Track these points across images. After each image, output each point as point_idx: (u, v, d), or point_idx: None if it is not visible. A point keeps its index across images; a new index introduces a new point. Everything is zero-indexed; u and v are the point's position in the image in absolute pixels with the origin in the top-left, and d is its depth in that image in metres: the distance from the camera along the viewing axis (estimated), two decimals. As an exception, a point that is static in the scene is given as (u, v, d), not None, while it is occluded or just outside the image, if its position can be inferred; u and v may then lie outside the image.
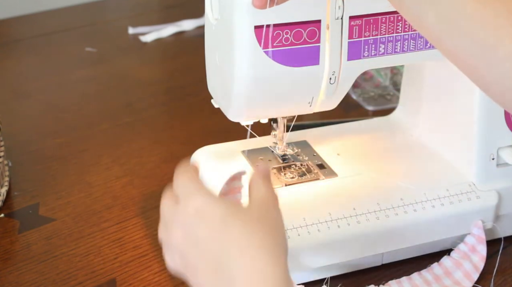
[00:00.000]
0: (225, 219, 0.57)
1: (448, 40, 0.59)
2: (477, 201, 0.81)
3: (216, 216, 0.57)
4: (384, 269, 0.80)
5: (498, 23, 0.56)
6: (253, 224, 0.57)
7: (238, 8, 0.70)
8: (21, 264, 0.82)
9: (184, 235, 0.58)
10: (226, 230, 0.56)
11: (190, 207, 0.58)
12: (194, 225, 0.57)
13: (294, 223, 0.76)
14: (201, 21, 1.45)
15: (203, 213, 0.57)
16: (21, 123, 1.11)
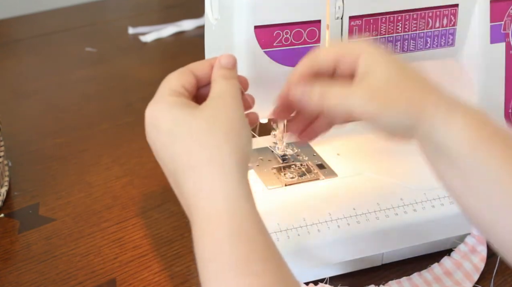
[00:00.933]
0: (172, 130, 0.56)
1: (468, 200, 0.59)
2: (477, 201, 0.81)
3: (165, 126, 0.57)
4: (384, 269, 0.80)
5: None
6: (202, 134, 0.56)
7: (238, 8, 0.70)
8: (21, 264, 0.82)
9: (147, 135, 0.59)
10: (172, 144, 0.56)
11: (148, 112, 0.59)
12: (152, 130, 0.58)
13: (294, 223, 0.76)
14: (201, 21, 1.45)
15: (157, 122, 0.58)
16: (21, 123, 1.11)
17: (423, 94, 0.59)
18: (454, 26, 0.78)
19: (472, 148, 0.57)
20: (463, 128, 0.58)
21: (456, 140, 0.58)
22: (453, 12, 0.78)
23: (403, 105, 0.58)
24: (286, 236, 0.75)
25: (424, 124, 0.58)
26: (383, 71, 0.60)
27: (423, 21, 0.77)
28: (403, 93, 0.59)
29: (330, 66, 0.63)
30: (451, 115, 0.58)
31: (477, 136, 0.57)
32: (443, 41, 0.78)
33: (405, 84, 0.60)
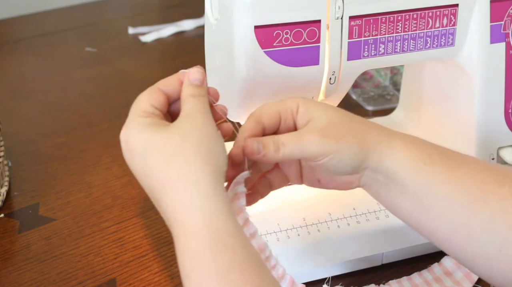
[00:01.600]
0: (145, 152, 0.58)
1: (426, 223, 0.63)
2: (477, 201, 0.81)
3: (138, 149, 0.58)
4: (384, 269, 0.80)
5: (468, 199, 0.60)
6: (173, 154, 0.57)
7: (238, 8, 0.70)
8: (21, 264, 0.82)
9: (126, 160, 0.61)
10: (146, 164, 0.58)
11: (121, 136, 0.60)
12: (126, 154, 0.60)
13: (294, 223, 0.76)
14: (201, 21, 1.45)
15: (130, 146, 0.59)
16: (21, 123, 1.11)
17: (366, 128, 0.64)
18: (454, 26, 0.78)
19: (416, 169, 0.61)
20: (405, 152, 0.62)
21: (401, 164, 0.62)
22: (453, 12, 0.78)
23: (353, 139, 0.62)
24: (286, 236, 0.75)
25: (374, 155, 0.62)
26: (324, 115, 0.63)
27: (423, 21, 0.77)
28: (350, 130, 0.63)
29: (274, 123, 0.65)
30: (393, 143, 0.63)
31: (418, 157, 0.62)
32: (443, 41, 0.78)
33: (348, 122, 0.63)
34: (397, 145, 0.63)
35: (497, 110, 0.82)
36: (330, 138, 0.62)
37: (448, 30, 0.78)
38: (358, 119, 0.65)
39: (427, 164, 0.62)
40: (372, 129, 0.64)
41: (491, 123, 0.82)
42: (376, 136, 0.63)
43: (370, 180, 0.64)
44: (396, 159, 0.62)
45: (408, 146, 0.63)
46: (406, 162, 0.62)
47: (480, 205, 0.60)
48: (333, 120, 0.63)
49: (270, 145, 0.62)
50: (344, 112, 0.65)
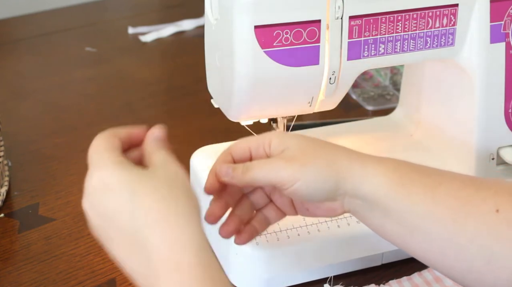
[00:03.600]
0: (134, 187, 0.55)
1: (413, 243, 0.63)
2: (477, 201, 0.81)
3: (124, 186, 0.56)
4: (384, 269, 0.80)
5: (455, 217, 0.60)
6: (164, 190, 0.56)
7: (238, 8, 0.70)
8: (21, 264, 0.82)
9: (93, 208, 0.57)
10: (137, 199, 0.55)
11: (94, 179, 0.58)
12: (102, 197, 0.56)
13: (294, 223, 0.76)
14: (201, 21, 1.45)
15: (110, 185, 0.56)
16: (21, 123, 1.11)
17: (336, 153, 0.64)
18: (454, 26, 0.78)
19: (395, 191, 0.61)
20: (381, 176, 0.62)
21: (380, 188, 0.62)
22: (453, 12, 0.78)
23: (321, 163, 0.62)
24: (286, 236, 0.75)
25: (347, 181, 0.62)
26: (296, 143, 0.64)
27: (423, 21, 0.77)
28: (318, 155, 0.63)
29: (244, 156, 0.66)
30: (367, 168, 0.63)
31: (396, 179, 0.62)
32: (443, 41, 0.78)
33: (319, 149, 0.64)
34: (372, 169, 0.63)
35: (497, 110, 0.82)
36: (296, 164, 0.62)
37: (448, 30, 0.78)
38: (329, 146, 0.65)
39: (405, 185, 0.62)
40: (343, 155, 0.64)
41: (491, 123, 0.82)
42: (347, 161, 0.63)
43: (353, 205, 0.64)
44: (373, 183, 0.62)
45: (384, 169, 0.63)
46: (384, 185, 0.62)
47: (463, 221, 0.60)
48: (302, 148, 0.64)
49: (239, 168, 0.64)
50: (316, 140, 0.66)
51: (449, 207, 0.61)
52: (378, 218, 0.63)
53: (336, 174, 0.62)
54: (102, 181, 0.57)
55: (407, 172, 0.63)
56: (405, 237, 0.63)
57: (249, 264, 0.75)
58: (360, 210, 0.64)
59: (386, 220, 0.63)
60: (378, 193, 0.62)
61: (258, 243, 0.74)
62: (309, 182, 0.62)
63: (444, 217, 0.61)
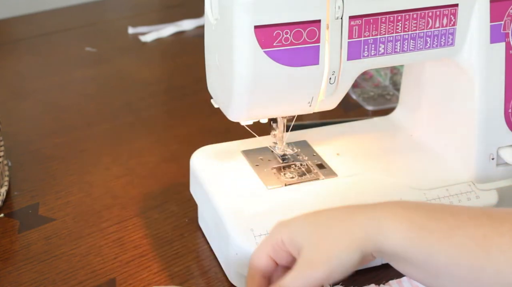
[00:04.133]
0: None
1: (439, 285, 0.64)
2: (476, 201, 0.81)
3: None
4: (384, 269, 0.80)
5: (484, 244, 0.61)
6: None
7: (238, 8, 0.70)
8: (21, 264, 0.82)
9: None
10: None
11: None
12: None
13: (294, 223, 0.76)
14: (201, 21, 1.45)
15: None
16: (21, 123, 1.11)
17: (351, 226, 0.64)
18: (454, 26, 0.78)
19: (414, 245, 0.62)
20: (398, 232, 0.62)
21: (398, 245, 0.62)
22: (453, 12, 0.78)
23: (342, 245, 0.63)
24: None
25: (369, 243, 0.63)
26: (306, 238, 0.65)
27: (423, 21, 0.77)
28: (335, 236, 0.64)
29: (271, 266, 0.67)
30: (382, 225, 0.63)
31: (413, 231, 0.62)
32: (443, 41, 0.78)
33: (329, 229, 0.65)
34: (388, 226, 0.63)
35: (497, 110, 0.82)
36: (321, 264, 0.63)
37: (448, 30, 0.78)
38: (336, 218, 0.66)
39: (423, 236, 0.62)
40: (357, 219, 0.64)
41: (491, 123, 0.82)
42: (363, 226, 0.64)
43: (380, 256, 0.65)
44: (393, 241, 0.62)
45: (400, 224, 0.63)
46: (404, 241, 0.62)
47: (484, 262, 0.60)
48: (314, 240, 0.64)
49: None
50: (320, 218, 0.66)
51: (468, 252, 0.61)
52: (404, 268, 0.65)
53: (358, 243, 0.63)
54: None
55: (424, 219, 0.63)
56: (432, 281, 0.64)
57: (249, 264, 0.75)
58: (387, 259, 0.65)
59: (411, 268, 0.64)
60: (399, 248, 0.63)
61: (258, 243, 0.74)
62: (342, 268, 0.64)
63: (466, 262, 0.61)
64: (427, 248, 0.62)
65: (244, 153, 0.87)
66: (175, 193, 0.94)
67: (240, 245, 0.74)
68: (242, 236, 0.74)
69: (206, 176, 0.83)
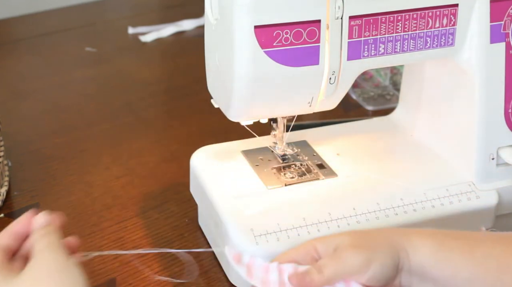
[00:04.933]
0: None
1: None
2: (477, 201, 0.81)
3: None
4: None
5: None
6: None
7: (238, 8, 0.70)
8: (21, 264, 0.82)
9: None
10: None
11: None
12: None
13: (294, 223, 0.76)
14: (201, 21, 1.45)
15: None
16: (21, 123, 1.11)
17: (385, 232, 0.67)
18: (454, 26, 0.78)
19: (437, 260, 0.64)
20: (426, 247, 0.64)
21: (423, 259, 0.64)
22: (453, 12, 0.78)
23: (384, 246, 0.64)
24: (286, 236, 0.75)
25: (403, 257, 0.64)
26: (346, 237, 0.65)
27: (423, 21, 0.77)
28: (376, 237, 0.65)
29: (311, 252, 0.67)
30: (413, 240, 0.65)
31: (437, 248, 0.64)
32: (443, 41, 0.78)
33: (369, 234, 0.66)
34: (416, 240, 0.65)
35: (497, 110, 0.82)
36: (365, 248, 0.64)
37: (448, 30, 0.78)
38: (375, 230, 0.68)
39: (446, 252, 0.64)
40: (391, 232, 0.66)
41: (491, 123, 0.82)
42: (396, 237, 0.65)
43: (407, 282, 0.65)
44: (420, 254, 0.64)
45: (425, 239, 0.65)
46: (429, 255, 0.64)
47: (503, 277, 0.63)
48: (356, 237, 0.65)
49: (312, 270, 0.64)
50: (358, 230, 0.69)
51: (487, 269, 0.63)
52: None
53: (396, 249, 0.64)
54: None
55: (443, 238, 0.65)
56: None
57: (249, 264, 0.75)
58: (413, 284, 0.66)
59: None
60: (425, 262, 0.64)
61: (258, 243, 0.74)
62: (383, 261, 0.63)
63: (486, 278, 0.63)
64: (451, 263, 0.64)
65: (244, 153, 0.87)
66: (175, 193, 0.94)
67: (240, 245, 0.74)
68: (242, 236, 0.74)
69: (206, 176, 0.83)
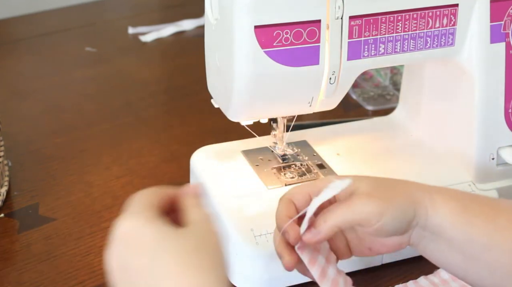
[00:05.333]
0: (157, 246, 0.52)
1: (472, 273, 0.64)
2: (477, 201, 0.81)
3: (146, 242, 0.53)
4: (384, 269, 0.80)
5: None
6: (188, 254, 0.52)
7: (238, 8, 0.70)
8: (21, 264, 0.82)
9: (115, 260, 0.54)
10: (157, 258, 0.52)
11: (122, 229, 0.55)
12: (125, 251, 0.53)
13: (294, 223, 0.76)
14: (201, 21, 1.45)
15: (135, 239, 0.53)
16: (21, 123, 1.11)
17: (408, 185, 0.65)
18: (454, 26, 0.78)
19: (459, 222, 0.63)
20: (447, 207, 0.63)
21: (446, 219, 0.63)
22: (453, 12, 0.78)
23: (399, 199, 0.63)
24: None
25: (420, 211, 0.63)
26: (364, 182, 0.64)
27: (423, 21, 0.77)
28: (394, 188, 0.64)
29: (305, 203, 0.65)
30: (434, 198, 0.64)
31: (459, 210, 0.63)
32: (443, 41, 0.78)
33: (390, 183, 0.65)
34: (440, 199, 0.64)
35: (497, 110, 0.82)
36: (378, 199, 0.62)
37: (448, 30, 0.78)
38: (396, 180, 0.66)
39: (469, 216, 0.63)
40: (413, 186, 0.65)
41: (491, 123, 0.82)
42: (418, 192, 0.64)
43: (418, 237, 0.65)
44: (441, 214, 0.63)
45: (449, 200, 0.64)
46: (451, 217, 0.63)
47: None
48: (373, 185, 0.64)
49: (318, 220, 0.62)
50: (379, 177, 0.66)
51: (509, 237, 0.62)
52: (441, 249, 0.64)
53: (413, 204, 0.63)
54: (129, 233, 0.54)
55: (468, 202, 0.64)
56: (466, 266, 0.64)
57: (249, 264, 0.75)
58: (424, 242, 0.65)
59: (449, 250, 0.64)
60: (444, 222, 0.63)
61: (258, 243, 0.74)
62: (395, 214, 0.62)
63: (504, 248, 0.62)
64: (471, 228, 0.62)
65: (244, 153, 0.87)
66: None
67: (240, 245, 0.74)
68: (242, 236, 0.74)
69: (206, 176, 0.83)
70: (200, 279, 0.51)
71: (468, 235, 0.62)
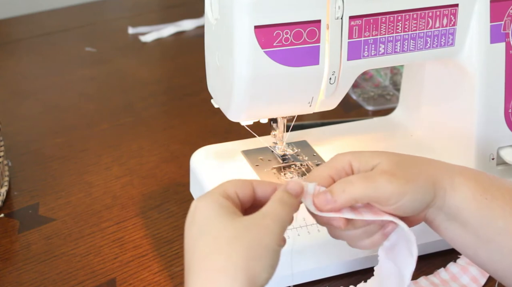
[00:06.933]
0: (202, 227, 0.58)
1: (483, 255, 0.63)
2: (477, 201, 0.81)
3: (198, 222, 0.58)
4: (384, 269, 0.80)
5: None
6: (223, 243, 0.56)
7: (238, 8, 0.70)
8: (21, 264, 0.82)
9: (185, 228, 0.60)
10: (198, 239, 0.57)
11: (194, 202, 0.60)
12: (189, 224, 0.60)
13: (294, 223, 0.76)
14: (201, 21, 1.45)
15: (195, 213, 0.59)
16: (21, 123, 1.11)
17: (430, 165, 0.64)
18: (454, 26, 0.78)
19: (478, 206, 0.62)
20: (467, 189, 0.62)
21: (465, 202, 0.62)
22: (453, 12, 0.78)
23: (421, 181, 0.62)
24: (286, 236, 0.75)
25: (439, 192, 0.62)
26: (385, 159, 0.62)
27: (423, 21, 0.77)
28: (416, 168, 0.63)
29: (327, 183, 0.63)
30: (455, 180, 0.63)
31: (479, 193, 0.62)
32: (443, 41, 0.78)
33: (412, 161, 0.64)
34: (459, 181, 0.63)
35: (497, 110, 0.82)
36: (401, 179, 0.61)
37: (448, 30, 0.78)
38: (419, 158, 0.65)
39: (488, 199, 0.62)
40: (435, 166, 0.64)
41: (491, 123, 0.82)
42: (439, 173, 0.63)
43: (433, 215, 0.64)
44: (460, 196, 0.62)
45: (469, 182, 0.63)
46: (469, 199, 0.62)
47: None
48: (395, 162, 0.62)
49: (336, 187, 0.61)
50: (401, 154, 0.65)
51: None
52: (455, 229, 0.64)
53: (433, 185, 0.62)
54: (195, 207, 0.60)
55: (489, 186, 0.63)
56: (478, 248, 0.63)
57: (249, 264, 0.75)
58: (438, 220, 0.64)
59: (463, 231, 0.63)
60: (462, 205, 0.62)
61: (258, 243, 0.74)
62: (415, 196, 0.61)
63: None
64: (490, 211, 0.62)
65: (244, 153, 0.87)
66: (175, 193, 0.94)
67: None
68: (242, 236, 0.74)
69: (206, 176, 0.83)
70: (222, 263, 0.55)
71: (484, 219, 0.62)
